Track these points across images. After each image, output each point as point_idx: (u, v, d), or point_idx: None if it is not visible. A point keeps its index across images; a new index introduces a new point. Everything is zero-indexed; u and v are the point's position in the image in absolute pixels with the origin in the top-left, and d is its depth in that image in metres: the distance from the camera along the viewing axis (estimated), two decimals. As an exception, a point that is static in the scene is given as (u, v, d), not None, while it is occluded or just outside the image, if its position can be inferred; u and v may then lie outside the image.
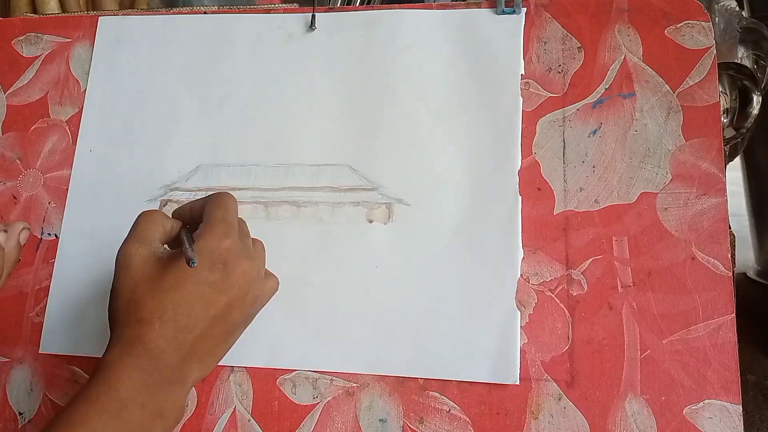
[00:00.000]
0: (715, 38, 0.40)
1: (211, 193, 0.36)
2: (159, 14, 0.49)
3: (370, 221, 0.41)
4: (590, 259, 0.38)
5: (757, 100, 0.57)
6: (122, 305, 0.32)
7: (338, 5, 0.57)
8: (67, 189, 0.46)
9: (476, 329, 0.38)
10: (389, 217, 0.41)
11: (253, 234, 0.36)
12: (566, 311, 0.38)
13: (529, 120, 0.41)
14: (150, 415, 0.29)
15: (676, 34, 0.41)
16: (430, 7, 0.44)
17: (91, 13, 0.50)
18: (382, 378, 0.39)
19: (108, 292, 0.33)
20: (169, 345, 0.31)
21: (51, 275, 0.44)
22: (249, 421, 0.39)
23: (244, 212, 0.42)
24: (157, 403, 0.30)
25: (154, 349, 0.31)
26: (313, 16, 0.45)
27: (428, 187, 0.41)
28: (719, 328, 0.36)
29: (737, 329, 0.36)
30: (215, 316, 0.32)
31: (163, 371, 0.31)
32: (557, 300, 0.38)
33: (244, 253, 0.34)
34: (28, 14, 0.61)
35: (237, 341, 0.35)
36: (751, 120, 0.58)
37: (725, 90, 0.57)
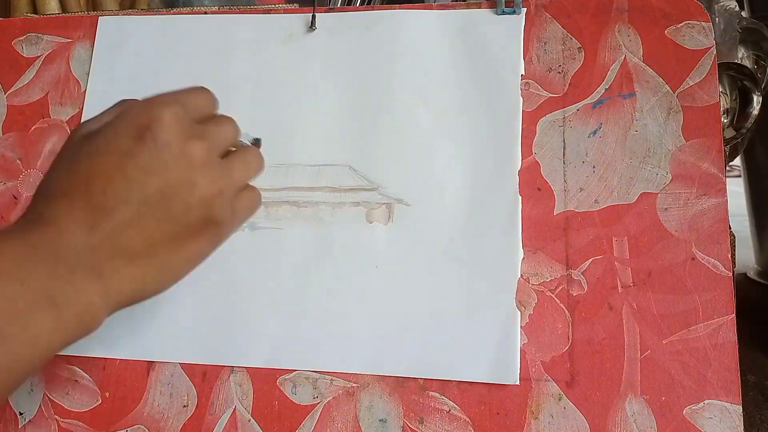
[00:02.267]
0: (715, 38, 0.40)
1: None
2: (159, 14, 0.49)
3: (370, 222, 0.41)
4: (590, 260, 0.38)
5: (757, 100, 0.57)
6: (40, 183, 0.28)
7: (338, 5, 0.57)
8: (68, 189, 0.46)
9: (476, 329, 0.38)
10: (389, 217, 0.41)
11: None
12: (566, 311, 0.38)
13: (529, 120, 0.41)
14: (31, 295, 0.23)
15: (676, 34, 0.41)
16: (430, 8, 0.44)
17: (92, 13, 0.50)
18: (382, 378, 0.39)
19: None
20: (75, 224, 0.25)
21: (51, 275, 0.44)
22: (249, 421, 0.39)
23: (244, 212, 0.43)
24: (43, 285, 0.24)
25: (52, 225, 0.25)
26: (314, 17, 0.45)
27: (428, 187, 0.41)
28: (719, 328, 0.36)
29: (737, 329, 0.36)
30: (143, 202, 0.26)
31: (62, 253, 0.25)
32: (557, 300, 0.38)
33: (190, 131, 0.27)
34: (29, 14, 0.61)
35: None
36: (751, 120, 0.57)
37: (725, 90, 0.57)
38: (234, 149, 0.32)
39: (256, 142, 0.35)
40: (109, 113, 0.29)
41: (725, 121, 0.58)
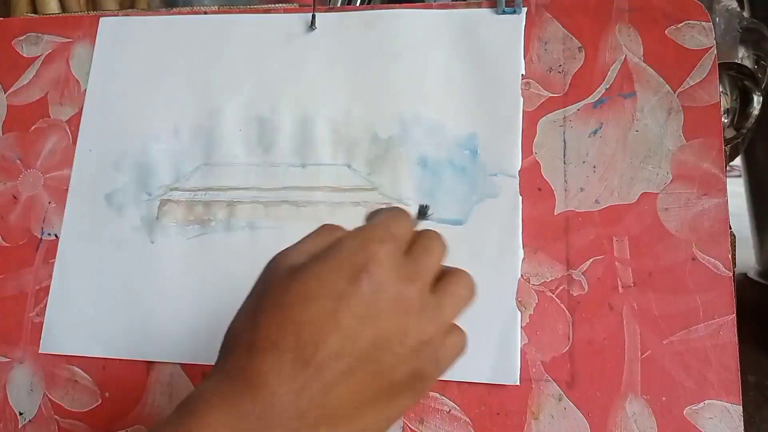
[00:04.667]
0: (715, 38, 0.40)
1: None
2: (159, 14, 0.49)
3: (371, 221, 0.41)
4: (591, 260, 0.38)
5: (757, 100, 0.57)
6: (234, 326, 0.25)
7: (338, 5, 0.57)
8: (67, 189, 0.46)
9: (476, 329, 0.38)
10: (389, 217, 0.41)
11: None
12: (567, 312, 0.38)
13: (530, 120, 0.41)
14: None
15: (677, 34, 0.41)
16: (431, 7, 0.44)
17: (92, 13, 0.50)
18: (383, 378, 0.39)
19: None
20: (286, 386, 0.22)
21: (51, 275, 0.44)
22: (249, 421, 0.39)
23: (243, 212, 0.43)
24: None
25: (260, 387, 0.22)
26: (313, 16, 0.45)
27: (428, 187, 0.41)
28: (720, 328, 0.36)
29: (738, 330, 0.36)
30: (355, 357, 0.23)
31: (269, 420, 0.21)
32: (558, 300, 0.38)
33: (405, 270, 0.24)
34: (29, 14, 0.61)
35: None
36: (751, 120, 0.57)
37: (726, 90, 0.57)
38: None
39: (423, 210, 0.29)
40: (313, 241, 0.26)
41: (726, 121, 0.58)
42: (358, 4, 0.57)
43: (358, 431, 0.23)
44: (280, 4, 0.47)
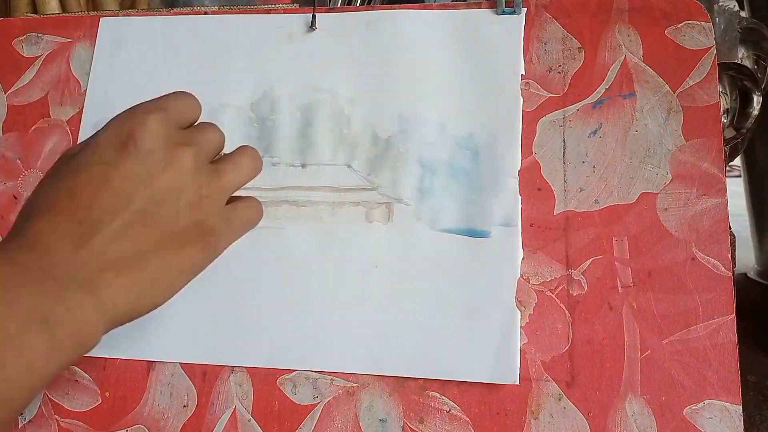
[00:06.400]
0: (715, 38, 0.40)
1: None
2: (159, 14, 0.49)
3: (370, 221, 0.41)
4: (590, 259, 0.38)
5: (757, 100, 0.57)
6: (23, 206, 0.27)
7: (338, 5, 0.57)
8: (68, 189, 0.46)
9: (476, 329, 0.38)
10: (389, 217, 0.41)
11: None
12: (566, 311, 0.38)
13: (529, 120, 0.41)
14: (21, 317, 0.22)
15: (677, 34, 0.41)
16: (431, 7, 0.44)
17: (92, 13, 0.50)
18: (382, 378, 0.39)
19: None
20: (62, 240, 0.24)
21: (51, 275, 0.44)
22: (249, 421, 0.39)
23: (244, 212, 0.43)
24: (33, 305, 0.22)
25: (37, 243, 0.24)
26: (314, 16, 0.45)
27: (428, 186, 0.41)
28: (719, 328, 0.36)
29: (737, 329, 0.36)
30: (131, 212, 0.25)
31: (51, 271, 0.23)
32: (557, 300, 0.38)
33: (176, 137, 0.27)
34: (29, 14, 0.61)
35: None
36: (751, 120, 0.58)
37: (725, 90, 0.57)
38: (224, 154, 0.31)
39: None
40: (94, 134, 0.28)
41: (725, 121, 0.58)
42: (358, 5, 0.57)
43: (146, 279, 0.26)
44: (281, 4, 0.47)
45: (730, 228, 0.38)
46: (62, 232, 0.24)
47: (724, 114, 0.57)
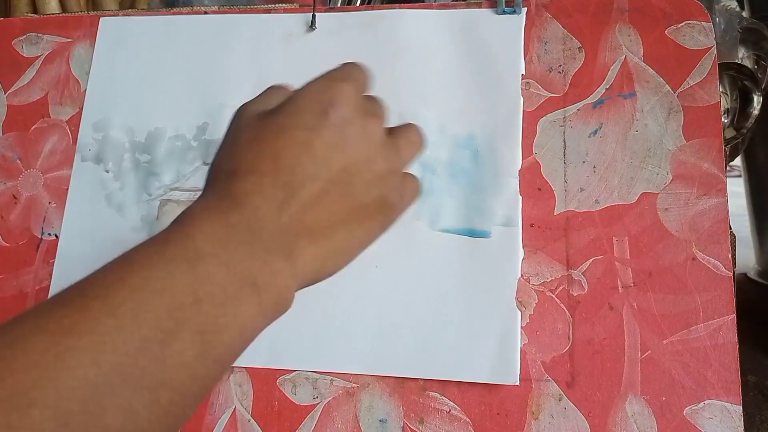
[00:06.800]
0: (715, 38, 0.40)
1: None
2: (159, 14, 0.49)
3: (371, 221, 0.41)
4: (591, 260, 0.38)
5: (757, 100, 0.57)
6: (218, 159, 0.26)
7: (338, 5, 0.57)
8: (67, 189, 0.46)
9: (476, 329, 0.38)
10: (389, 217, 0.41)
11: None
12: (567, 311, 0.38)
13: (530, 120, 0.41)
14: (237, 280, 0.22)
15: (677, 34, 0.41)
16: (431, 7, 0.44)
17: (92, 13, 0.50)
18: (382, 378, 0.39)
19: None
20: (267, 202, 0.24)
21: (51, 275, 0.44)
22: (249, 421, 0.39)
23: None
24: (247, 268, 0.22)
25: (246, 204, 0.24)
26: (314, 16, 0.45)
27: (429, 186, 0.41)
28: (720, 328, 0.36)
29: (737, 329, 0.36)
30: (329, 179, 0.25)
31: (257, 233, 0.23)
32: (558, 300, 0.38)
33: (367, 107, 0.27)
34: (29, 14, 0.61)
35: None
36: (751, 120, 0.58)
37: (726, 90, 0.57)
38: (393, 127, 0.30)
39: None
40: (269, 96, 0.29)
41: (725, 121, 0.58)
42: (358, 4, 0.57)
43: (332, 248, 0.26)
44: (281, 4, 0.47)
45: (731, 228, 0.38)
46: (267, 194, 0.24)
47: (724, 114, 0.57)
